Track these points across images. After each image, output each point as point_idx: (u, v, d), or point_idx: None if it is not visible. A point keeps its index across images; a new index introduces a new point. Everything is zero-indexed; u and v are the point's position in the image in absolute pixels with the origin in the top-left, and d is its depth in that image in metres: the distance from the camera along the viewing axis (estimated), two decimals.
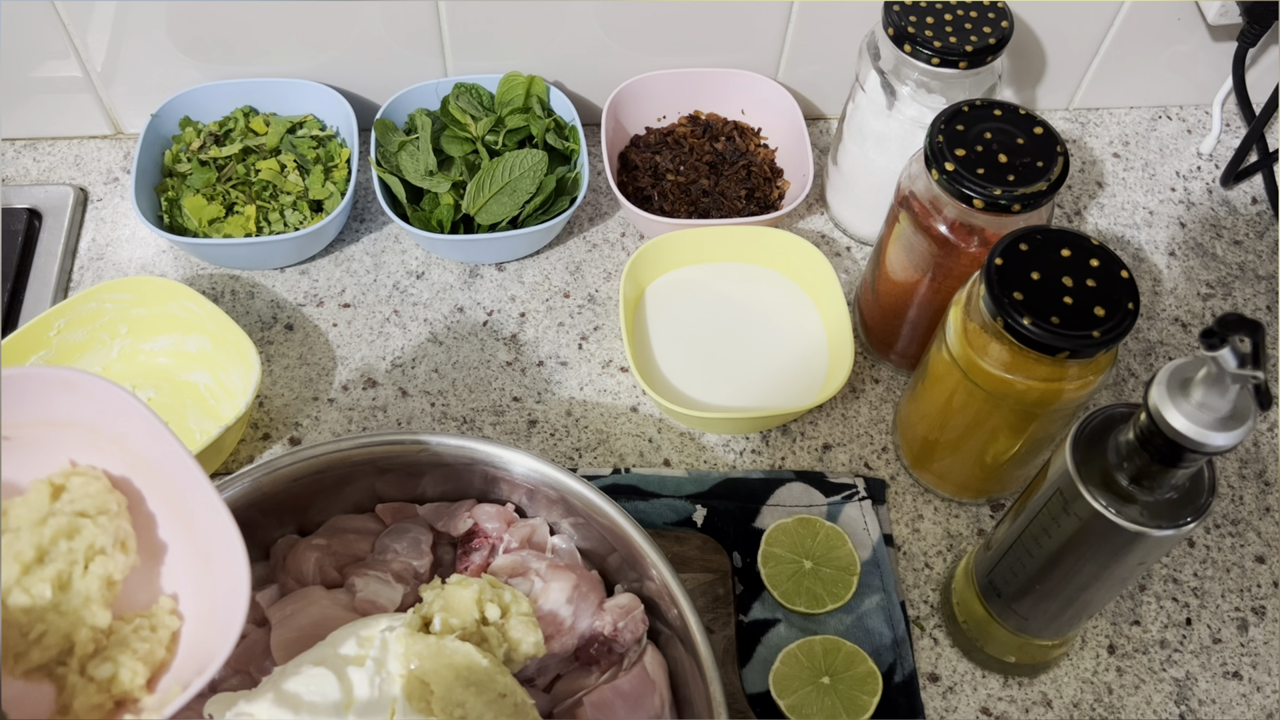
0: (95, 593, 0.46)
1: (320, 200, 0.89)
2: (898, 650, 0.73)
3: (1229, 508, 0.81)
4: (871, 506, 0.79)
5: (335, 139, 0.93)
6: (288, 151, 0.90)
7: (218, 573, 0.47)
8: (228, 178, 0.89)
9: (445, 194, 0.87)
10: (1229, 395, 0.49)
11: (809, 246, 0.85)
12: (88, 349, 0.80)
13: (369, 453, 0.67)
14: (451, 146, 0.89)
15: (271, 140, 0.91)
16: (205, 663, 0.45)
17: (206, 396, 0.81)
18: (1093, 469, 0.57)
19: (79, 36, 0.89)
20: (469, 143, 0.90)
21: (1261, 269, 0.94)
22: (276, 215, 0.88)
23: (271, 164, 0.89)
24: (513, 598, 0.62)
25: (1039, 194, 0.68)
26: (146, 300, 0.79)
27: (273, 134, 0.91)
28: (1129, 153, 1.02)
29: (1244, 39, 0.94)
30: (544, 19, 0.91)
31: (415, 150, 0.88)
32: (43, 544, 0.46)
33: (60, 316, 0.77)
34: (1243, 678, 0.74)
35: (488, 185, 0.85)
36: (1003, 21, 0.78)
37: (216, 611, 0.46)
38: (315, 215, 0.89)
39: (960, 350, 0.68)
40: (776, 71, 0.98)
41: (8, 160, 0.96)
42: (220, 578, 0.46)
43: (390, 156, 0.89)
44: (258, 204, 0.88)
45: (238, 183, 0.89)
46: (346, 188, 0.89)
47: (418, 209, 0.88)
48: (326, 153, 0.91)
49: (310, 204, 0.89)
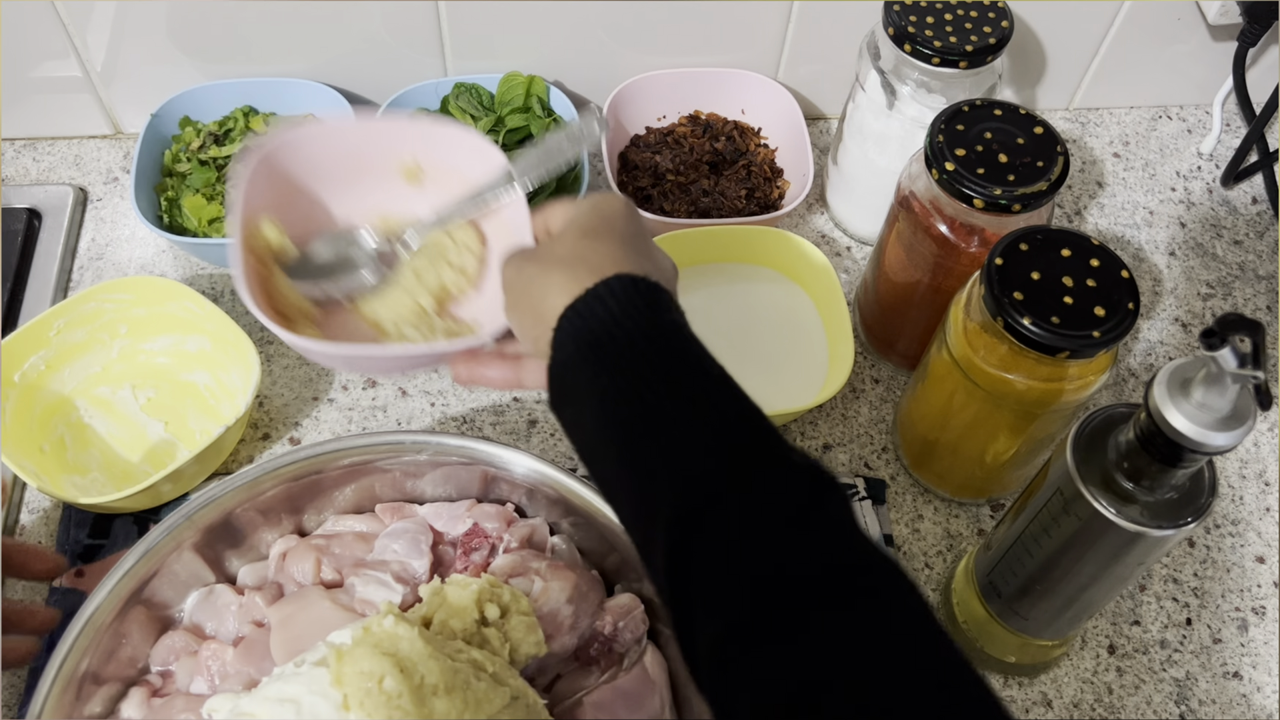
0: (434, 286, 0.67)
1: None
2: None
3: (1229, 508, 0.81)
4: (872, 506, 0.79)
5: None
6: None
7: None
8: (228, 177, 0.89)
9: None
10: (1229, 395, 0.49)
11: (809, 246, 0.85)
12: (87, 349, 0.80)
13: (369, 453, 0.67)
14: None
15: None
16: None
17: (206, 396, 0.81)
18: (1093, 469, 0.57)
19: (79, 36, 0.88)
20: None
21: (1262, 269, 0.94)
22: None
23: None
24: (512, 598, 0.62)
25: (1039, 194, 0.68)
26: (146, 300, 0.79)
27: None
28: (1129, 152, 1.02)
29: (1244, 39, 0.94)
30: (544, 19, 0.91)
31: None
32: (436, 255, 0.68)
33: (60, 316, 0.77)
34: (1243, 678, 0.74)
35: None
36: (1003, 21, 0.78)
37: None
38: None
39: (960, 350, 0.68)
40: (777, 71, 0.98)
41: (7, 160, 0.96)
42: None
43: None
44: None
45: None
46: None
47: None
48: None
49: None
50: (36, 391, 0.78)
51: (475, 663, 0.57)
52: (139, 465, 0.78)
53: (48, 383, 0.78)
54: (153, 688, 0.64)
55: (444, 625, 0.59)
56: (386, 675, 0.53)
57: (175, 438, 0.80)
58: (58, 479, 0.76)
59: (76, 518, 0.76)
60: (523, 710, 0.56)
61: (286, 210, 0.67)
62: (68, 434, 0.78)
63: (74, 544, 0.75)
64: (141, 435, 0.80)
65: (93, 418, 0.79)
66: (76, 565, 0.74)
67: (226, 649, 0.64)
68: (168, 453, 0.79)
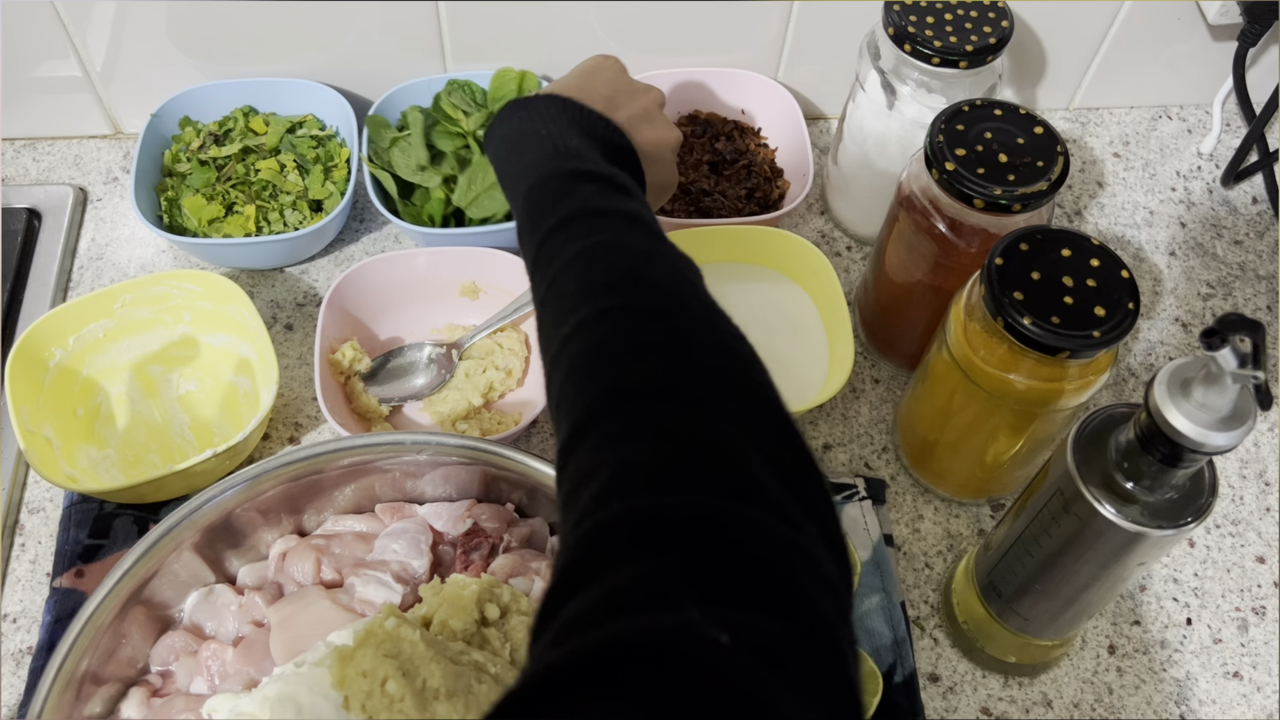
0: (483, 386, 0.81)
1: (320, 200, 0.89)
2: (898, 650, 0.73)
3: (1229, 508, 0.81)
4: (872, 506, 0.79)
5: (335, 139, 0.93)
6: (287, 151, 0.90)
7: None
8: (227, 177, 0.89)
9: (436, 189, 0.87)
10: (1229, 395, 0.49)
11: (809, 246, 0.85)
12: (150, 327, 0.82)
13: (369, 453, 0.67)
14: (443, 141, 0.89)
15: (271, 140, 0.91)
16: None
17: (241, 404, 0.81)
18: (1093, 469, 0.57)
19: (79, 36, 0.89)
20: (460, 138, 0.90)
21: (1262, 269, 0.94)
22: (276, 215, 0.88)
23: (271, 164, 0.89)
24: (512, 598, 0.62)
25: (1039, 194, 0.68)
26: (212, 296, 0.80)
27: (272, 134, 0.91)
28: (1129, 152, 1.02)
29: (1244, 39, 0.94)
30: (544, 20, 0.91)
31: (407, 146, 0.88)
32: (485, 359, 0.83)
33: (127, 292, 0.79)
34: (1243, 678, 0.74)
35: (480, 179, 0.86)
36: (1003, 21, 0.78)
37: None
38: (315, 215, 0.89)
39: (960, 350, 0.68)
40: (777, 71, 0.98)
41: (7, 160, 0.96)
42: None
43: (382, 152, 0.89)
44: (257, 204, 0.88)
45: (237, 182, 0.89)
46: (346, 187, 0.89)
47: (409, 204, 0.88)
48: (326, 152, 0.91)
49: (310, 204, 0.89)
50: (89, 356, 0.80)
51: (477, 664, 0.57)
52: (149, 456, 0.79)
53: (102, 351, 0.80)
54: (153, 688, 0.64)
55: (444, 625, 0.59)
56: (390, 678, 0.53)
57: (194, 436, 0.80)
58: (75, 446, 0.77)
59: (77, 517, 0.76)
60: None
61: (368, 321, 0.84)
62: (104, 404, 0.80)
63: (74, 544, 0.75)
64: (166, 426, 0.80)
65: (133, 394, 0.81)
66: (76, 565, 0.74)
67: (226, 649, 0.64)
68: (179, 451, 0.79)
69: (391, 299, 0.84)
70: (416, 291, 0.85)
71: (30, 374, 0.76)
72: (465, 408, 0.80)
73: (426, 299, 0.85)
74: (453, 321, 0.86)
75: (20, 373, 0.75)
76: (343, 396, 0.80)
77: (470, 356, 0.83)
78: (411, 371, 0.82)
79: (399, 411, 0.82)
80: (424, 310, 0.85)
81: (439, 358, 0.83)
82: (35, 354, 0.76)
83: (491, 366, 0.82)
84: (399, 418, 0.81)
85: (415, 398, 0.81)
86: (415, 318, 0.85)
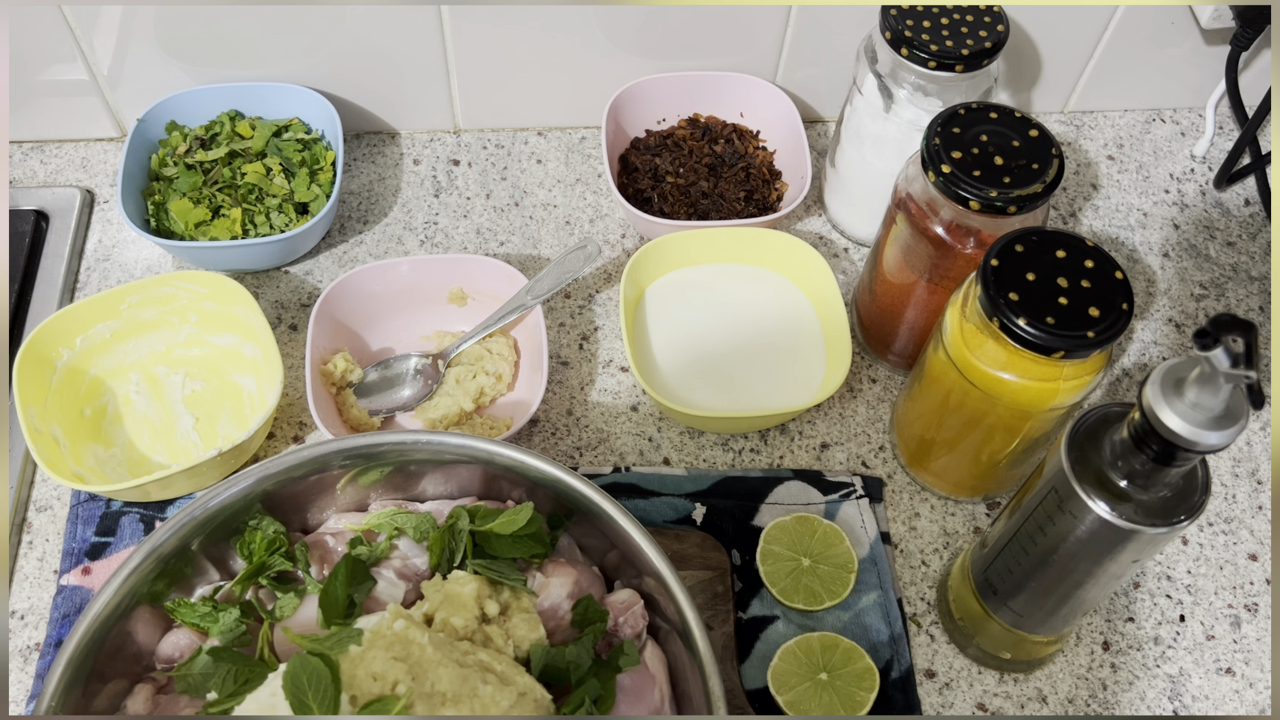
0: (474, 392, 0.82)
1: (306, 203, 0.89)
2: (895, 647, 0.74)
3: (1222, 506, 0.82)
4: (869, 505, 0.79)
5: (320, 142, 0.93)
6: (273, 155, 0.90)
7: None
8: (214, 181, 0.89)
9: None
10: (1222, 395, 0.50)
11: (807, 248, 0.86)
12: (156, 327, 0.82)
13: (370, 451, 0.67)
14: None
15: (257, 144, 0.91)
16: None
17: (245, 404, 0.82)
18: (1087, 468, 0.57)
19: (85, 40, 0.89)
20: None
21: (1254, 270, 0.95)
22: (262, 218, 0.88)
23: (257, 167, 0.89)
24: (513, 594, 0.63)
25: (1034, 196, 0.69)
26: (217, 296, 0.81)
27: (258, 137, 0.91)
28: (1123, 155, 1.03)
29: (1237, 43, 0.95)
30: (544, 20, 0.91)
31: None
32: (475, 364, 0.84)
33: (134, 293, 0.80)
34: (1235, 674, 0.75)
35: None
36: (999, 25, 0.79)
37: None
38: (301, 217, 0.89)
39: (956, 350, 0.68)
40: (775, 75, 0.98)
41: (16, 162, 0.96)
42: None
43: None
44: (243, 207, 0.88)
45: (224, 186, 0.89)
46: (332, 190, 0.89)
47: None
48: (312, 156, 0.91)
49: (296, 206, 0.89)
50: (96, 356, 0.81)
51: (482, 664, 0.57)
52: (155, 455, 0.80)
53: (109, 351, 0.81)
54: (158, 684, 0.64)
55: (445, 623, 0.60)
56: (399, 680, 0.54)
57: (199, 437, 0.81)
58: (82, 445, 0.78)
59: (84, 515, 0.76)
60: (530, 706, 0.56)
61: (359, 330, 0.85)
62: (111, 404, 0.81)
63: (81, 541, 0.75)
64: (171, 425, 0.81)
65: (139, 394, 0.81)
66: (84, 562, 0.75)
67: None
68: (185, 450, 0.80)
69: (380, 308, 0.85)
70: (404, 299, 0.86)
71: (38, 374, 0.76)
72: (457, 413, 0.82)
73: (415, 307, 0.86)
74: (441, 328, 0.87)
75: (28, 373, 0.75)
76: (335, 408, 0.80)
77: (460, 362, 0.84)
78: (398, 384, 0.84)
79: (391, 421, 0.83)
80: (413, 318, 0.86)
81: (425, 368, 0.84)
82: (43, 354, 0.77)
83: (481, 372, 0.83)
84: (391, 427, 0.83)
85: (403, 409, 0.83)
86: (404, 325, 0.86)
